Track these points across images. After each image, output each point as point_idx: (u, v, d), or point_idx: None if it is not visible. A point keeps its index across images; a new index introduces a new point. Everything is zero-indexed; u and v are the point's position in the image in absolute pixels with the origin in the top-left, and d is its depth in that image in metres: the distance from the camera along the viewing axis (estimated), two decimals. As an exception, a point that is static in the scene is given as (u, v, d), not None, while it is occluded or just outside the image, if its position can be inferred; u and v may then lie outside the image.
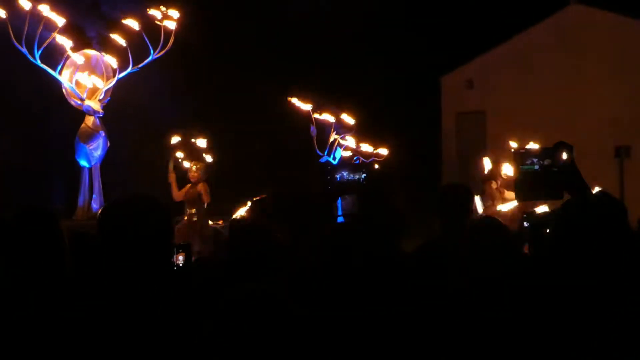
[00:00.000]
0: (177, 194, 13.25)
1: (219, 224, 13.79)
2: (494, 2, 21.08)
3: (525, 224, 6.40)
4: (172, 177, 13.31)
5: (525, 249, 6.26)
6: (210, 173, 13.49)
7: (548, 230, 5.14)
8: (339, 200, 5.66)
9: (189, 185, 13.25)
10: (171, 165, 13.39)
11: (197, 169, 13.22)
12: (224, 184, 14.18)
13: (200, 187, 13.15)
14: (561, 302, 3.23)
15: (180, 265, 5.37)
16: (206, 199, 13.15)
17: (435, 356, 3.59)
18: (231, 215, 12.15)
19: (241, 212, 12.32)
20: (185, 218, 13.11)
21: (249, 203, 10.34)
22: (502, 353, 3.40)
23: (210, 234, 13.27)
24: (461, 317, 3.71)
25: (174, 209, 13.00)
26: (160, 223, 3.34)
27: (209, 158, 13.76)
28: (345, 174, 4.76)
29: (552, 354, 3.13)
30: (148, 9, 13.00)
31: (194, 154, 13.77)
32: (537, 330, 3.18)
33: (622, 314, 3.18)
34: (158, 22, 12.92)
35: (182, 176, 13.36)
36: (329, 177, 4.73)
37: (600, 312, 3.19)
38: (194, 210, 13.12)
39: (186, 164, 13.44)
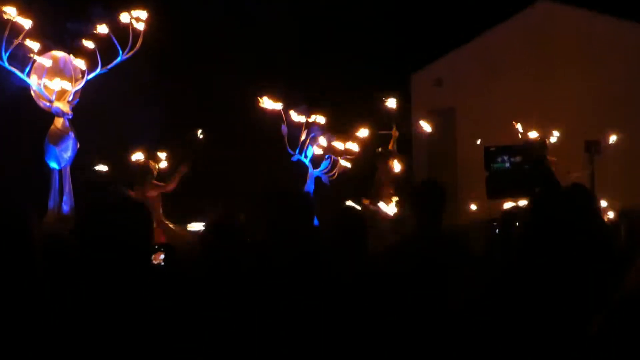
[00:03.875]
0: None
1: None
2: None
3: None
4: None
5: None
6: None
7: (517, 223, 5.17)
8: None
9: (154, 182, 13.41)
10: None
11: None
12: (196, 185, 14.16)
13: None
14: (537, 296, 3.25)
15: (162, 264, 5.35)
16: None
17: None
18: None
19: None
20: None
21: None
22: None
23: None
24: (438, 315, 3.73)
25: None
26: (140, 223, 3.34)
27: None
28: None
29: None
30: (116, 11, 12.96)
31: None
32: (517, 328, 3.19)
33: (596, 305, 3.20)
34: (126, 23, 12.90)
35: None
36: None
37: (576, 304, 3.20)
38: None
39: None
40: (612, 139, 17.73)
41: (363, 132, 16.08)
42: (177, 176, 13.87)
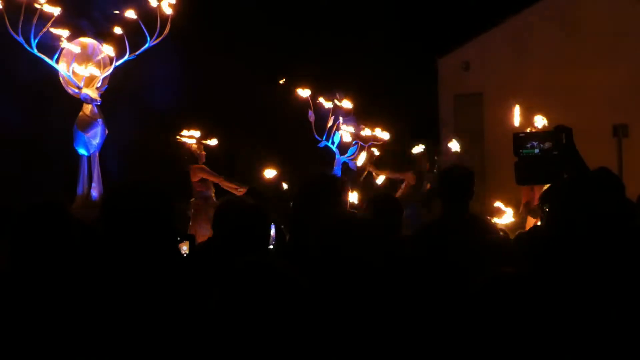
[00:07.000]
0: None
1: None
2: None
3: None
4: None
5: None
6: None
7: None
8: None
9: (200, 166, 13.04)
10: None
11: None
12: (222, 170, 14.14)
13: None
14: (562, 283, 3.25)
15: (185, 254, 5.37)
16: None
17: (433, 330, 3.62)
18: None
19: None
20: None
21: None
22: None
23: None
24: (461, 298, 3.73)
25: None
26: (162, 209, 3.36)
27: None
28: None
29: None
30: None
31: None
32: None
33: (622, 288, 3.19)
34: (154, 8, 12.93)
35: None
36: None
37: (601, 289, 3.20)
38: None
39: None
40: None
41: (385, 135, 15.88)
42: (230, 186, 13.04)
